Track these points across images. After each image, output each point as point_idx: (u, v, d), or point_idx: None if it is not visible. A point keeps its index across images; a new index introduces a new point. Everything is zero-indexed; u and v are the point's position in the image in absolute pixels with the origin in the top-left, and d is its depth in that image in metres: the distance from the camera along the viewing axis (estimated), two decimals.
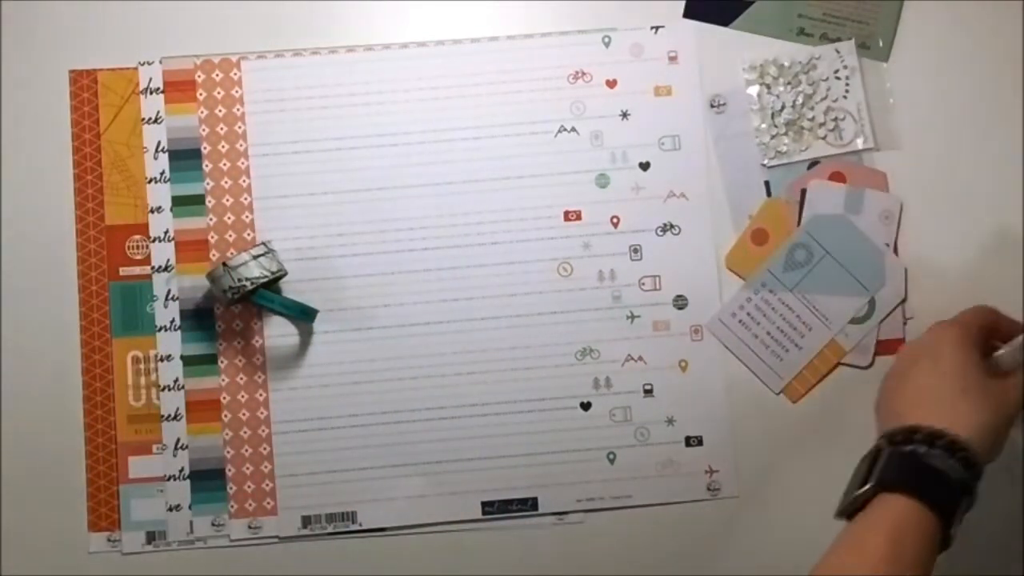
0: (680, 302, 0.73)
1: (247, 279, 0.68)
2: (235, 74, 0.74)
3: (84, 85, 0.73)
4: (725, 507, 0.72)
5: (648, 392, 0.72)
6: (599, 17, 0.74)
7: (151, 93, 0.73)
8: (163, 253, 0.72)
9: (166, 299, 0.72)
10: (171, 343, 0.72)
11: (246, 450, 0.71)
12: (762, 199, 0.73)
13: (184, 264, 0.72)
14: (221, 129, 0.73)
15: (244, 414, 0.72)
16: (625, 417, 0.72)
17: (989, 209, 0.74)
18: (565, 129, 0.74)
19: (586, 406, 0.72)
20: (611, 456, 0.72)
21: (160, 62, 0.74)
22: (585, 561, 0.71)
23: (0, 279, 0.72)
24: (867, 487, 0.56)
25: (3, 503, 0.71)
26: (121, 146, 0.73)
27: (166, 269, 0.72)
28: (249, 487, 0.71)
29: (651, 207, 0.73)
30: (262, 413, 0.71)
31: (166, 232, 0.73)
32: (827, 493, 0.72)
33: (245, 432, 0.71)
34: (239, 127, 0.73)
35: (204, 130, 0.73)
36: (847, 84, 0.74)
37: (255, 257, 0.69)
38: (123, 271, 0.72)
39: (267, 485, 0.71)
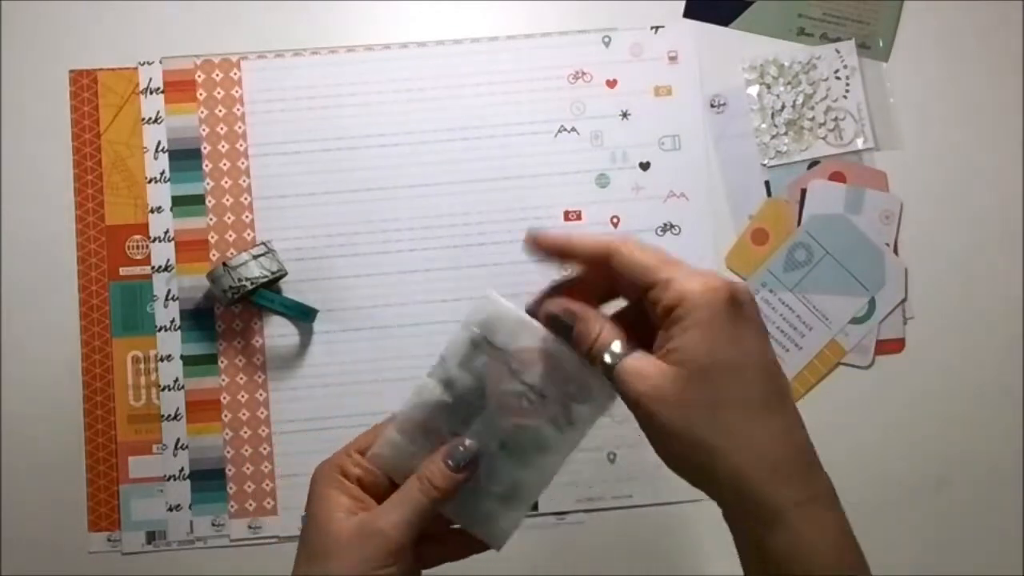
0: None
1: (247, 279, 0.68)
2: (235, 74, 0.74)
3: (84, 85, 0.73)
4: None
5: None
6: (599, 17, 0.74)
7: (151, 93, 0.73)
8: (163, 253, 0.72)
9: (166, 299, 0.72)
10: (171, 343, 0.72)
11: (246, 450, 0.71)
12: (762, 199, 0.73)
13: (184, 264, 0.72)
14: (221, 129, 0.73)
15: (244, 414, 0.72)
16: (626, 416, 0.72)
17: (989, 209, 0.74)
18: (565, 129, 0.74)
19: None
20: (611, 456, 0.72)
21: (160, 62, 0.74)
22: (585, 561, 0.71)
23: (0, 279, 0.72)
24: None
25: (3, 503, 0.71)
26: (121, 146, 0.73)
27: (166, 269, 0.72)
28: (249, 487, 0.71)
29: (651, 207, 0.73)
30: (262, 413, 0.71)
31: (166, 232, 0.73)
32: None
33: (245, 432, 0.71)
34: (239, 127, 0.73)
35: (204, 130, 0.73)
36: (847, 84, 0.74)
37: (255, 257, 0.69)
38: (123, 271, 0.72)
39: (267, 485, 0.71)
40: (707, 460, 0.40)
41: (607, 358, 0.43)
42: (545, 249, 0.46)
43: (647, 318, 0.43)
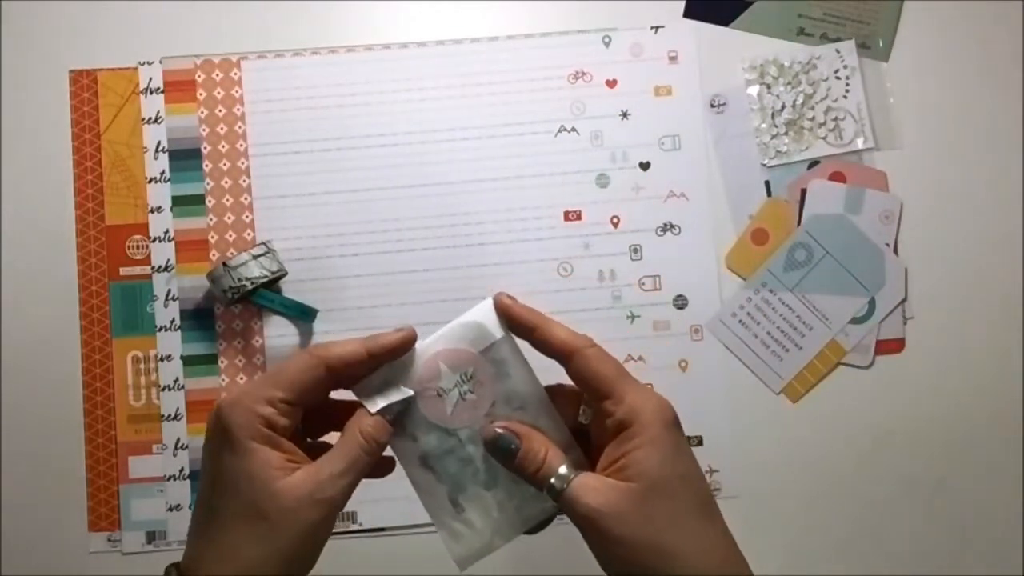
0: (680, 302, 0.73)
1: (247, 279, 0.68)
2: (235, 74, 0.74)
3: (84, 85, 0.73)
4: (725, 507, 0.71)
5: None
6: (599, 17, 0.74)
7: (151, 93, 0.73)
8: (163, 253, 0.72)
9: (166, 299, 0.72)
10: (171, 343, 0.72)
11: None
12: (762, 199, 0.73)
13: (184, 264, 0.72)
14: (221, 129, 0.73)
15: None
16: None
17: (989, 209, 0.74)
18: (565, 129, 0.74)
19: None
20: None
21: (160, 62, 0.74)
22: (585, 561, 0.71)
23: (0, 279, 0.72)
24: None
25: (3, 503, 0.71)
26: (121, 146, 0.73)
27: (166, 269, 0.72)
28: None
29: (651, 207, 0.73)
30: None
31: (166, 232, 0.73)
32: (827, 493, 0.73)
33: None
34: (239, 127, 0.73)
35: (204, 130, 0.73)
36: (847, 84, 0.74)
37: (255, 257, 0.69)
38: (123, 271, 0.72)
39: None
40: (667, 566, 0.42)
41: (554, 481, 0.44)
42: (512, 320, 0.47)
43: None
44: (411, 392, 0.46)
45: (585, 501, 0.43)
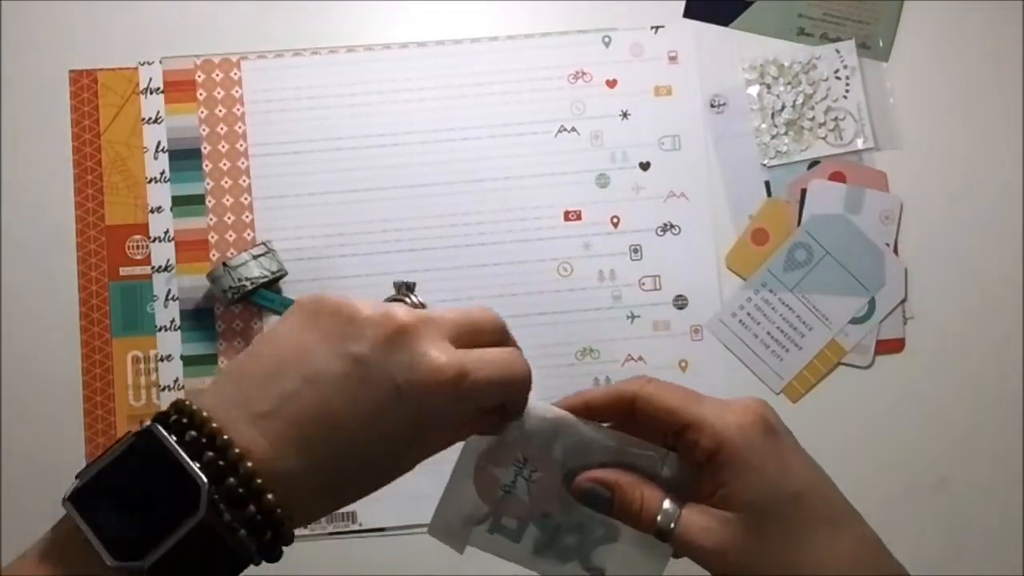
0: (680, 302, 0.73)
1: (247, 279, 0.68)
2: (235, 74, 0.74)
3: (84, 85, 0.73)
4: None
5: None
6: (599, 17, 0.74)
7: (151, 93, 0.73)
8: (163, 253, 0.72)
9: (166, 299, 0.72)
10: (171, 343, 0.72)
11: None
12: (762, 199, 0.73)
13: (184, 264, 0.72)
14: (221, 129, 0.73)
15: None
16: None
17: (989, 209, 0.74)
18: (565, 129, 0.74)
19: None
20: None
21: (160, 62, 0.74)
22: None
23: (0, 279, 0.72)
24: None
25: (3, 503, 0.71)
26: (121, 146, 0.73)
27: (166, 269, 0.72)
28: None
29: (651, 207, 0.73)
30: None
31: (166, 232, 0.73)
32: None
33: None
34: (239, 127, 0.73)
35: (204, 130, 0.73)
36: (847, 84, 0.74)
37: (255, 257, 0.69)
38: (123, 271, 0.72)
39: None
40: None
41: (660, 520, 0.40)
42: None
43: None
44: (488, 521, 0.44)
45: (700, 544, 0.39)
